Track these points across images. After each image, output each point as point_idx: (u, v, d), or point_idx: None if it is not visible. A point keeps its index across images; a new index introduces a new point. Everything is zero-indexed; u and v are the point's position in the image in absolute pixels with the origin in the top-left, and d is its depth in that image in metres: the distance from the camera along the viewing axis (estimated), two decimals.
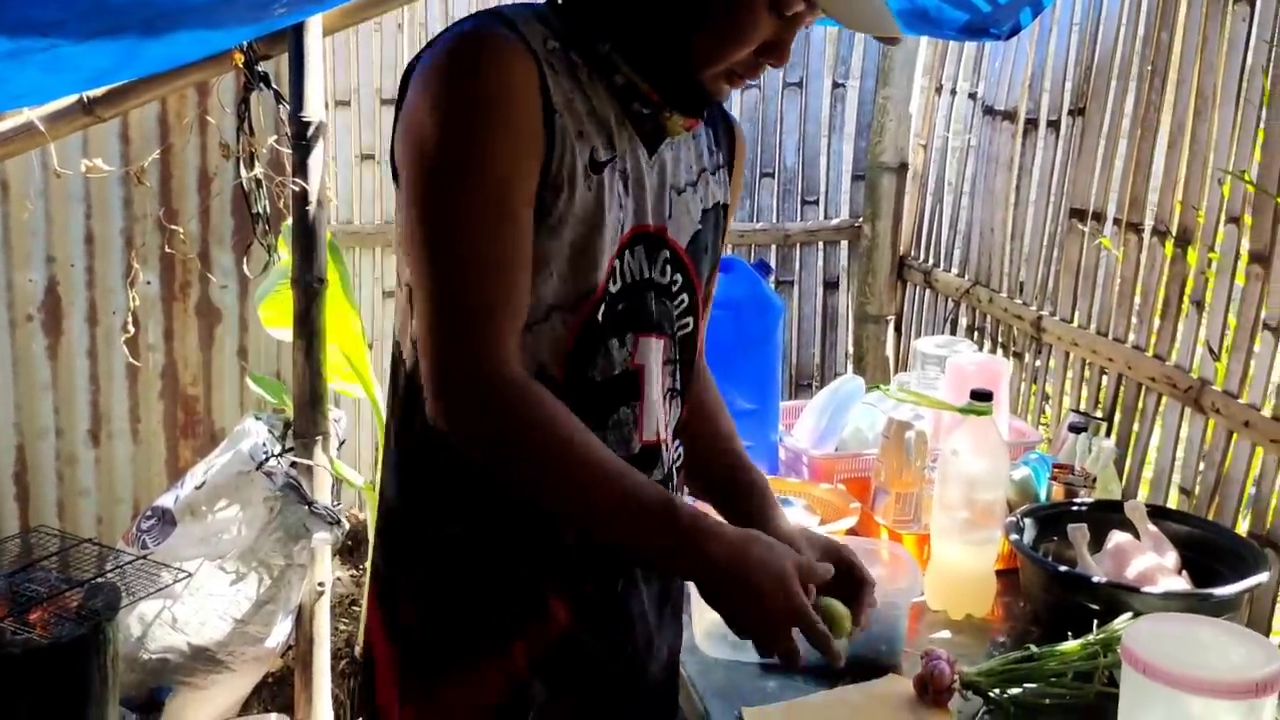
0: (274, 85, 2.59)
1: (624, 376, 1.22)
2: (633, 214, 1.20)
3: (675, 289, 1.28)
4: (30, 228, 3.18)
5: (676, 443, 1.35)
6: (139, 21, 1.95)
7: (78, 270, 3.27)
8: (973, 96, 3.14)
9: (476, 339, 1.09)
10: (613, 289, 1.19)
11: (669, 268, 1.25)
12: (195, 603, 2.63)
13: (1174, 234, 2.34)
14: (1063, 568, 1.84)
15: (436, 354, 1.10)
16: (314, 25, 2.53)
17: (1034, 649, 1.62)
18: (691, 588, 1.37)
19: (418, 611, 1.24)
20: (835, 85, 3.60)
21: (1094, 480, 2.15)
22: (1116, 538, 1.88)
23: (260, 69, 2.55)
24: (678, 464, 1.35)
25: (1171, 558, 1.86)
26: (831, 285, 3.68)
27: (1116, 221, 2.51)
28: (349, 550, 3.39)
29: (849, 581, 1.29)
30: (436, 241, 1.10)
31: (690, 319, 1.31)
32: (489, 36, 1.10)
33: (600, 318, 1.18)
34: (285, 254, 2.74)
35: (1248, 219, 2.14)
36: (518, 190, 1.10)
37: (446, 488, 1.21)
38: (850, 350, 3.66)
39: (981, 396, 1.91)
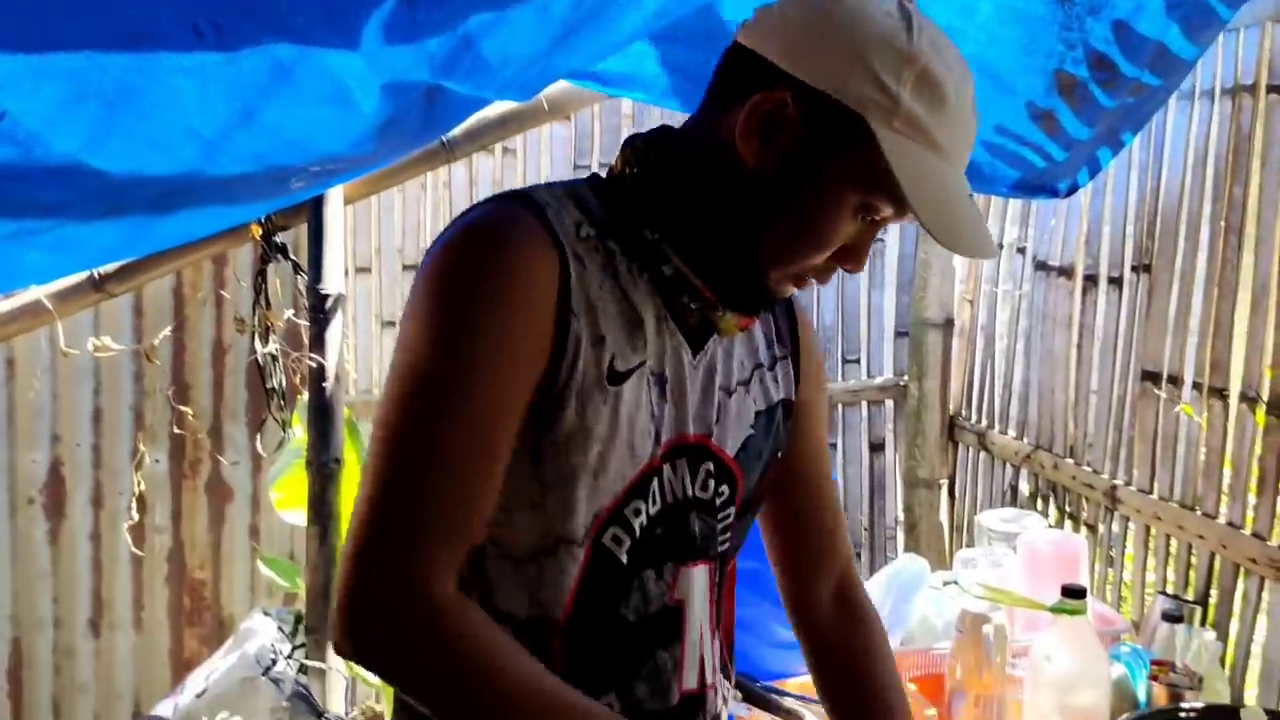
0: (292, 256, 2.48)
1: (662, 614, 1.06)
2: (672, 423, 1.04)
3: (720, 503, 1.10)
4: (35, 406, 3.05)
5: (724, 686, 1.15)
6: (144, 200, 1.84)
7: (84, 449, 3.12)
8: (1021, 250, 3.00)
9: (403, 553, 0.91)
10: (651, 511, 1.03)
11: (712, 482, 1.09)
12: None
13: (1265, 401, 2.14)
14: None
15: (355, 567, 0.91)
16: (334, 195, 2.43)
17: None
18: None
19: None
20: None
21: (1200, 680, 1.91)
22: None
23: (278, 239, 2.44)
24: (720, 713, 1.15)
25: None
26: (877, 448, 3.48)
27: (1196, 386, 2.32)
28: None
29: None
30: (394, 450, 0.93)
31: (729, 536, 1.13)
32: (503, 228, 0.96)
33: (625, 548, 1.02)
34: (300, 430, 2.58)
35: None
36: (499, 420, 0.95)
37: None
38: (900, 517, 3.44)
39: (1074, 594, 1.72)
